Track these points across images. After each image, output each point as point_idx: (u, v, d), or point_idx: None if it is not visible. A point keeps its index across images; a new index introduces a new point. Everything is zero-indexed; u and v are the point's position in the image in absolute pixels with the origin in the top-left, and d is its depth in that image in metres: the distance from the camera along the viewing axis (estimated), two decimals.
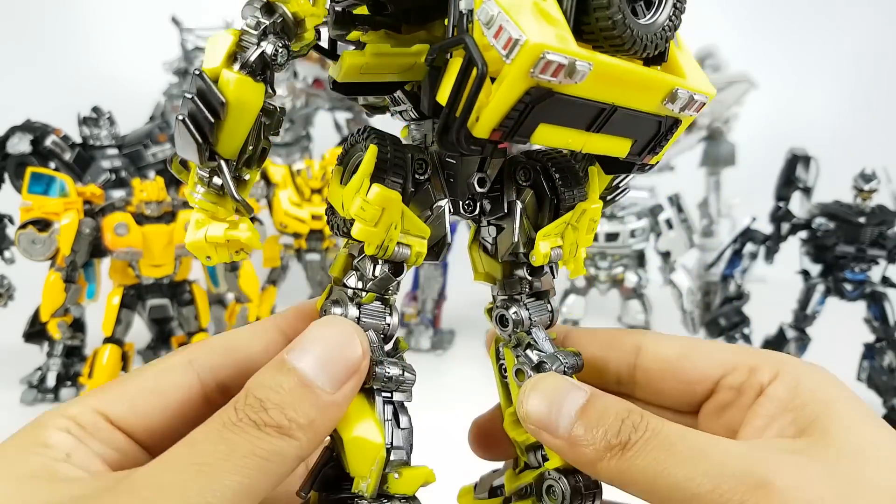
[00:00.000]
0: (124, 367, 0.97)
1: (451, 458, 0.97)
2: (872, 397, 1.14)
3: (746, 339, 1.11)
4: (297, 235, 1.22)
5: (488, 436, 0.45)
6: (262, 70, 0.34)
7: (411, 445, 0.37)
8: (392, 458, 0.35)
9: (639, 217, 1.14)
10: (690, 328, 1.15)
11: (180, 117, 0.33)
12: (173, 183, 1.21)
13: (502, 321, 0.42)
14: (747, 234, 1.13)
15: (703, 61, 1.74)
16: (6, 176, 1.11)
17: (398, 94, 0.38)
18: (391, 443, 0.35)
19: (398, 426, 0.36)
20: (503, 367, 0.43)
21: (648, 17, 0.33)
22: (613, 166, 0.40)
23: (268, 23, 0.34)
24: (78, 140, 1.14)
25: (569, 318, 1.22)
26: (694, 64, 0.36)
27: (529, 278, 0.41)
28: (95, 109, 1.14)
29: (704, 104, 0.35)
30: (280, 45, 0.34)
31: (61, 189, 0.92)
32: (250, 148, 0.36)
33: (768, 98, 1.90)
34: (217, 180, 0.35)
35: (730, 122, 1.65)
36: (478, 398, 0.81)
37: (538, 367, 0.39)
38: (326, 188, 1.20)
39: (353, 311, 0.36)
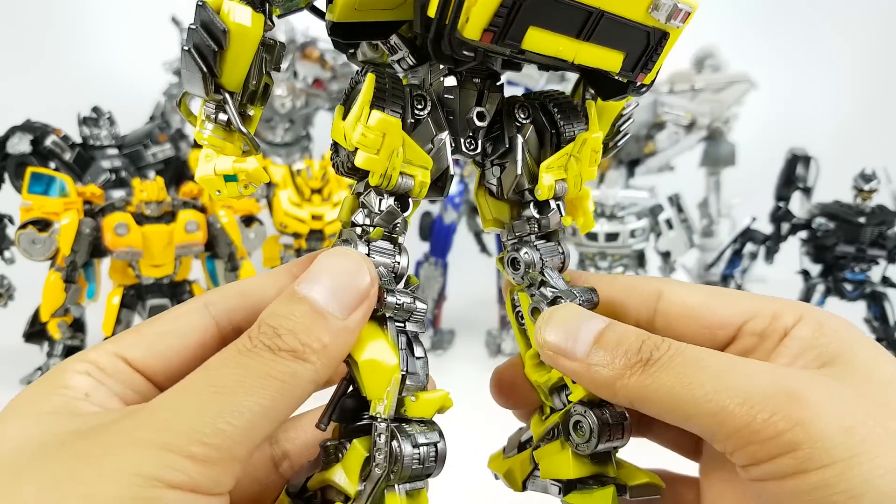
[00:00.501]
0: None
1: (451, 457, 0.97)
2: None
3: None
4: (297, 235, 1.22)
5: (509, 383, 0.44)
6: (262, 2, 0.36)
7: (427, 375, 0.37)
8: (408, 382, 0.35)
9: (639, 217, 1.14)
10: None
11: (186, 48, 0.34)
12: (173, 183, 1.21)
13: (514, 264, 0.42)
14: (747, 234, 1.14)
15: (703, 61, 1.75)
16: (6, 176, 1.11)
17: (394, 40, 0.38)
18: (406, 369, 0.36)
19: (413, 355, 0.36)
20: (519, 313, 0.42)
21: None
22: (610, 90, 0.40)
23: None
24: (78, 140, 1.14)
25: None
26: None
27: (537, 216, 0.41)
28: (95, 109, 1.14)
29: (690, 14, 0.35)
30: None
31: (61, 189, 0.92)
32: (253, 83, 0.36)
33: (768, 98, 1.90)
34: (223, 115, 0.36)
35: (730, 123, 1.65)
36: (478, 398, 0.81)
37: (553, 303, 0.39)
38: (326, 188, 1.20)
39: (362, 248, 0.36)
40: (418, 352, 0.37)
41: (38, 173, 0.93)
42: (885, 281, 1.11)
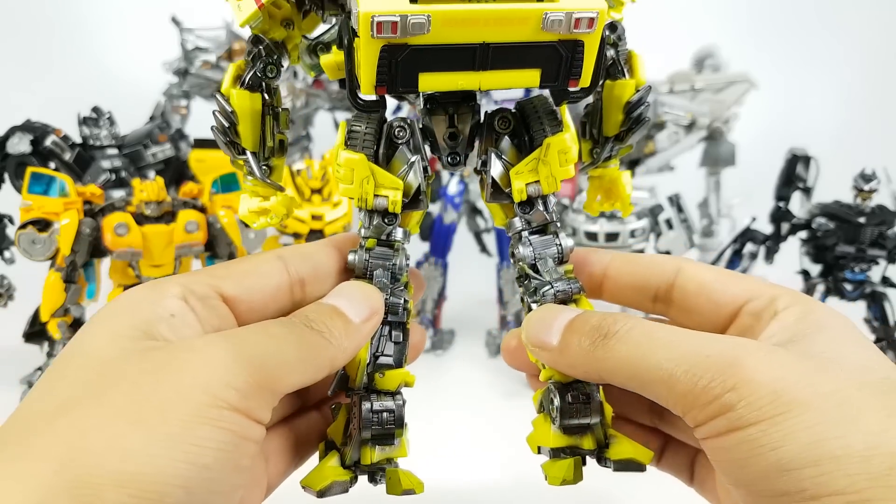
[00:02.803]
0: None
1: (451, 456, 0.97)
2: None
3: None
4: (297, 235, 1.22)
5: (515, 348, 0.50)
6: (259, 84, 0.45)
7: (403, 356, 0.46)
8: (379, 362, 0.44)
9: (639, 217, 1.14)
10: None
11: (211, 126, 0.46)
12: (173, 183, 1.21)
13: (513, 257, 0.48)
14: (747, 234, 1.13)
15: (703, 61, 1.75)
16: (6, 176, 1.11)
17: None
18: (381, 351, 0.45)
19: (390, 340, 0.45)
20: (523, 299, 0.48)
21: None
22: (556, 95, 0.45)
23: (256, 49, 0.45)
24: (78, 140, 1.14)
25: None
26: None
27: (523, 214, 0.47)
28: (95, 109, 1.14)
29: (595, 19, 0.37)
30: (269, 62, 0.45)
31: (61, 189, 0.92)
32: (269, 143, 0.47)
33: (768, 98, 1.90)
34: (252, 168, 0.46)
35: (730, 123, 1.65)
36: (478, 397, 0.82)
37: (534, 292, 0.45)
38: (326, 188, 1.20)
39: (361, 255, 0.46)
40: (395, 337, 0.45)
41: (38, 173, 0.93)
42: (885, 281, 1.11)
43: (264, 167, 0.46)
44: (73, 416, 0.31)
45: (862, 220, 1.06)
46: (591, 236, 1.11)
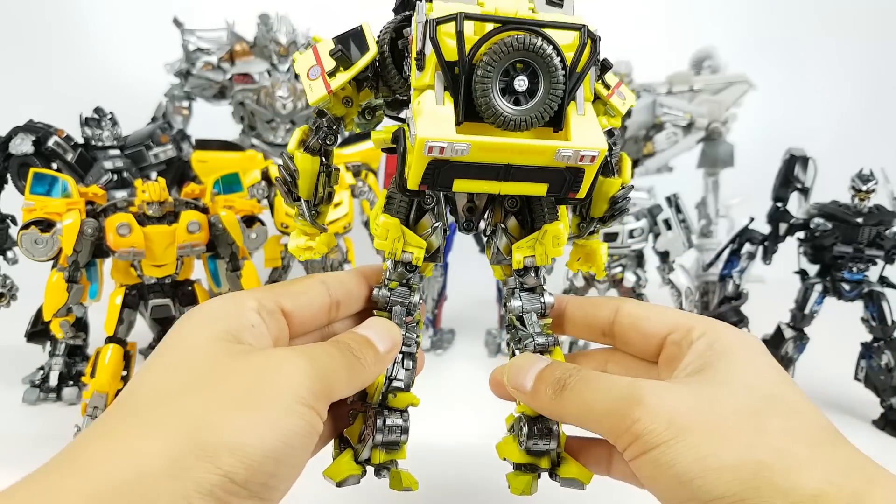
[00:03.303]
0: (127, 367, 0.98)
1: (451, 455, 0.98)
2: (870, 397, 1.15)
3: None
4: None
5: (500, 381, 0.59)
6: (319, 149, 0.58)
7: (412, 380, 0.57)
8: (393, 385, 0.56)
9: (637, 217, 1.15)
10: None
11: (276, 178, 0.60)
12: (175, 183, 1.22)
13: (506, 307, 0.59)
14: (745, 234, 1.14)
15: (701, 63, 1.75)
16: (9, 176, 1.11)
17: None
18: (394, 375, 0.56)
19: (402, 366, 0.57)
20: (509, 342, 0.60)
21: (528, 104, 0.47)
22: (558, 201, 0.56)
23: (319, 121, 0.57)
24: (80, 141, 1.14)
25: None
26: (589, 124, 0.49)
27: (518, 277, 0.58)
28: (97, 110, 1.15)
29: (597, 157, 0.48)
30: (329, 133, 0.58)
31: (64, 190, 0.93)
32: (321, 193, 0.59)
33: (767, 99, 1.90)
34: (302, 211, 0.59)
35: (728, 123, 1.66)
36: (477, 397, 0.82)
37: (519, 341, 0.57)
38: None
39: (385, 292, 0.57)
40: (407, 364, 0.57)
41: (41, 174, 0.93)
42: (883, 281, 1.12)
43: (314, 212, 0.59)
44: (197, 396, 0.41)
45: (859, 220, 1.06)
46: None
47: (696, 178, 1.74)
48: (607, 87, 0.57)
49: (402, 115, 0.59)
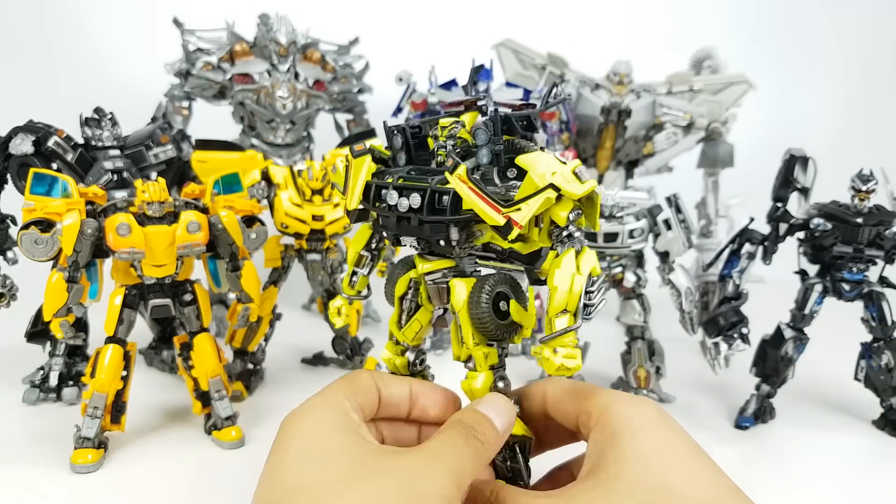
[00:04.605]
0: (126, 367, 0.98)
1: None
2: (870, 397, 1.15)
3: (744, 338, 1.12)
4: (298, 236, 1.23)
5: None
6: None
7: None
8: None
9: (637, 217, 1.15)
10: (689, 328, 1.16)
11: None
12: (175, 184, 1.21)
13: None
14: (745, 235, 1.14)
15: (701, 63, 1.75)
16: (9, 177, 1.11)
17: None
18: None
19: None
20: None
21: None
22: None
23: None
24: (80, 141, 1.14)
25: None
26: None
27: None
28: (97, 110, 1.15)
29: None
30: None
31: (64, 190, 0.93)
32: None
33: (767, 99, 1.90)
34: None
35: (728, 123, 1.66)
36: None
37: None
38: (327, 189, 1.21)
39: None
40: None
41: (41, 174, 0.93)
42: (883, 281, 1.12)
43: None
44: (357, 490, 0.44)
45: (859, 220, 1.06)
46: (591, 237, 1.12)
47: (696, 178, 1.74)
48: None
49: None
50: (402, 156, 0.64)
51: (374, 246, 0.71)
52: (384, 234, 0.64)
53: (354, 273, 0.71)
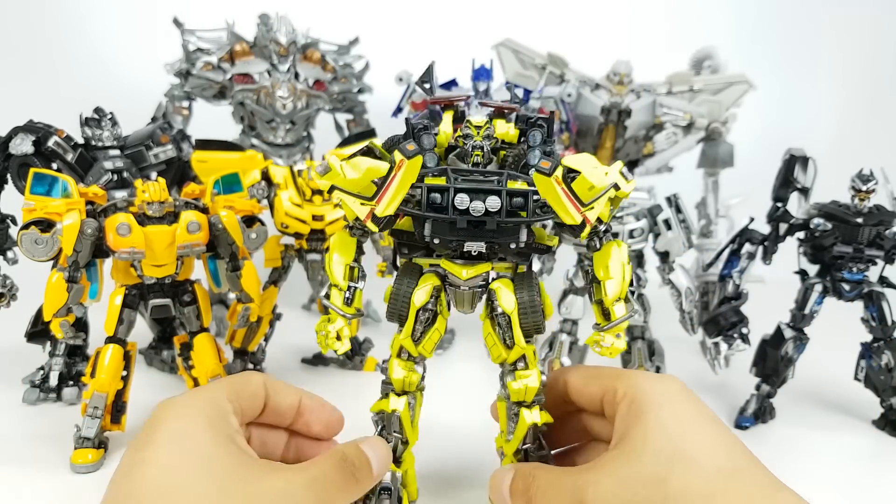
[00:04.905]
0: (127, 367, 0.98)
1: (452, 454, 0.98)
2: (870, 397, 1.15)
3: (744, 338, 1.12)
4: (298, 235, 1.23)
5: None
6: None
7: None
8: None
9: (637, 217, 1.14)
10: (689, 328, 1.16)
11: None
12: (175, 184, 1.21)
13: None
14: (745, 235, 1.14)
15: (701, 63, 1.75)
16: (9, 177, 1.11)
17: None
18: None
19: None
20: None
21: None
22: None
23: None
24: (80, 141, 1.14)
25: (568, 318, 1.22)
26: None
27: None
28: (97, 110, 1.14)
29: None
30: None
31: (64, 190, 0.93)
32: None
33: (767, 99, 1.90)
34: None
35: (728, 123, 1.66)
36: (477, 397, 0.82)
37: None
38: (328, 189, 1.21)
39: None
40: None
41: (41, 174, 0.93)
42: (883, 281, 1.12)
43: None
44: (245, 490, 0.47)
45: (859, 220, 1.06)
46: None
47: (696, 178, 1.74)
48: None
49: None
50: (432, 156, 0.59)
51: (360, 256, 0.65)
52: (426, 239, 0.59)
53: (349, 288, 0.64)
